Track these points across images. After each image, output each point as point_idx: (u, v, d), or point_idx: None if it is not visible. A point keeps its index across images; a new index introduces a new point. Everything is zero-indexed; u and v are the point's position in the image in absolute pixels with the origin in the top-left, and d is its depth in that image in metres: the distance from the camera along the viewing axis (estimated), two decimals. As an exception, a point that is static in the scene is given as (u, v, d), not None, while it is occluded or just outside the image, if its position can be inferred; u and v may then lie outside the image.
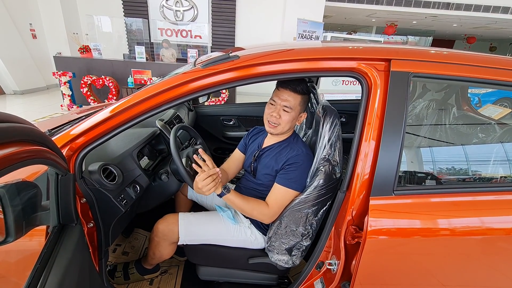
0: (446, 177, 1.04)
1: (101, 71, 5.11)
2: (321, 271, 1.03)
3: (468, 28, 11.17)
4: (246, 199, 1.08)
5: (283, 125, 1.09)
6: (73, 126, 0.92)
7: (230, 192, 1.04)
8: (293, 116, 1.08)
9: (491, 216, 0.87)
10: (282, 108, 1.07)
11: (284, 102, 1.06)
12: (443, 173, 1.06)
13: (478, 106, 2.17)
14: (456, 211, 0.87)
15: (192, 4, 6.94)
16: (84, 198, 0.94)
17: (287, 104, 1.06)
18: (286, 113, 1.07)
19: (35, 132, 0.45)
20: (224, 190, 1.02)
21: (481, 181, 1.05)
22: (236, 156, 1.36)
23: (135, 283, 1.39)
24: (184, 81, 0.88)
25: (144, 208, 1.37)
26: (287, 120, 1.08)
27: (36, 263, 0.66)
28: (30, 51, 6.43)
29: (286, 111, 1.07)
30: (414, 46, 1.05)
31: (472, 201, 0.88)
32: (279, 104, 1.07)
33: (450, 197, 0.88)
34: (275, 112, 1.08)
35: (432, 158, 1.08)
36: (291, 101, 1.06)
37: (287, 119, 1.08)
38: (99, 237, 1.02)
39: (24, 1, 6.31)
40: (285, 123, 1.08)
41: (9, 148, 0.36)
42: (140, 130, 1.42)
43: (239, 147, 1.37)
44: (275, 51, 0.90)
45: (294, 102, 1.06)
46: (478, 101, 2.71)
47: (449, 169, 1.07)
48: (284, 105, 1.06)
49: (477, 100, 2.73)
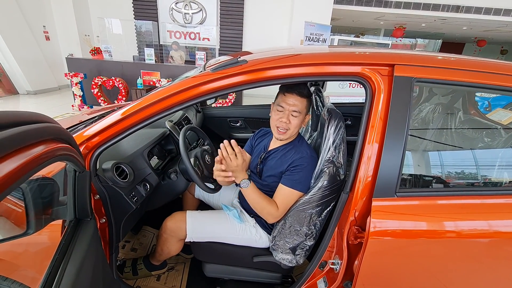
0: (449, 180, 1.06)
1: (111, 72, 5.23)
2: (324, 270, 1.06)
3: (478, 31, 11.00)
4: (261, 197, 1.10)
5: (292, 130, 1.11)
6: (88, 126, 0.97)
7: (249, 187, 1.08)
8: (301, 119, 1.11)
9: (492, 220, 0.88)
10: (291, 113, 1.09)
11: (292, 107, 1.08)
12: (445, 176, 1.07)
13: (488, 110, 2.14)
14: (458, 213, 0.88)
15: (200, 7, 7.04)
16: (97, 195, 0.98)
17: (295, 108, 1.08)
18: (295, 117, 1.09)
19: (62, 131, 0.49)
20: (242, 184, 1.07)
21: (482, 184, 1.06)
22: None
23: (143, 279, 1.43)
24: (194, 84, 0.92)
25: (153, 206, 1.41)
26: (296, 124, 1.11)
27: (55, 254, 0.70)
28: (43, 53, 6.62)
29: (295, 116, 1.09)
30: (417, 52, 1.07)
31: (473, 204, 0.90)
32: (287, 110, 1.09)
33: (453, 199, 0.90)
34: (284, 117, 1.09)
35: (434, 162, 1.10)
36: (299, 105, 1.08)
37: (296, 123, 1.10)
38: (110, 232, 1.06)
39: (38, 4, 6.52)
40: (294, 127, 1.11)
41: (43, 145, 0.40)
42: (151, 130, 1.47)
43: (245, 148, 1.40)
44: (281, 56, 0.93)
45: (301, 106, 1.09)
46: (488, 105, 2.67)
47: (451, 172, 1.08)
48: (293, 110, 1.08)
49: (487, 104, 2.69)
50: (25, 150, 0.34)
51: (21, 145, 0.33)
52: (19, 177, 0.31)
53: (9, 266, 0.95)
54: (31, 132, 0.36)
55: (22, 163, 0.31)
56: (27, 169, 0.33)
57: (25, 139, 0.34)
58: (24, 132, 0.34)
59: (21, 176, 0.31)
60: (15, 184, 0.31)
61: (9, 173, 0.28)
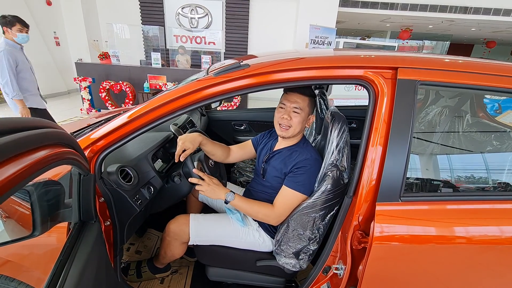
0: (454, 185, 1.04)
1: (118, 76, 5.33)
2: (328, 275, 1.05)
3: (487, 32, 10.82)
4: (250, 203, 1.14)
5: (295, 127, 1.13)
6: (93, 130, 0.99)
7: (235, 198, 1.13)
8: (303, 117, 1.12)
9: (497, 226, 0.86)
10: (293, 110, 1.11)
11: (293, 104, 1.11)
12: (451, 181, 1.05)
13: (499, 113, 2.10)
14: (463, 218, 0.86)
15: (206, 11, 7.13)
16: (102, 198, 1.00)
17: (296, 105, 1.10)
18: (296, 114, 1.11)
19: (65, 136, 0.50)
20: (227, 198, 1.12)
21: (488, 189, 1.04)
22: (247, 145, 1.43)
23: (147, 281, 1.44)
24: (197, 88, 0.93)
25: (157, 209, 1.42)
26: (297, 122, 1.12)
27: (59, 256, 0.71)
28: (54, 58, 6.80)
29: (296, 113, 1.11)
30: (421, 54, 1.06)
31: (480, 209, 0.88)
32: (289, 107, 1.12)
33: (458, 204, 0.88)
34: (286, 114, 1.12)
35: (440, 166, 1.08)
36: (300, 103, 1.10)
37: (298, 120, 1.12)
38: (115, 235, 1.07)
39: (49, 11, 6.70)
40: (296, 124, 1.12)
41: (45, 150, 0.41)
42: (155, 134, 1.48)
43: (252, 140, 1.43)
44: (284, 60, 0.93)
45: (303, 103, 1.11)
46: (498, 108, 2.61)
47: (457, 176, 1.06)
48: (294, 107, 1.11)
49: (497, 107, 2.63)
50: (26, 155, 0.35)
51: (22, 150, 0.34)
52: (18, 182, 0.32)
53: (16, 267, 0.97)
54: (31, 138, 0.37)
55: (22, 168, 0.32)
56: (28, 173, 0.34)
57: (26, 144, 0.35)
58: (24, 137, 0.35)
59: (21, 181, 0.32)
60: (15, 188, 0.32)
61: (8, 178, 0.29)
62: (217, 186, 1.15)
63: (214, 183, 1.16)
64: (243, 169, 2.10)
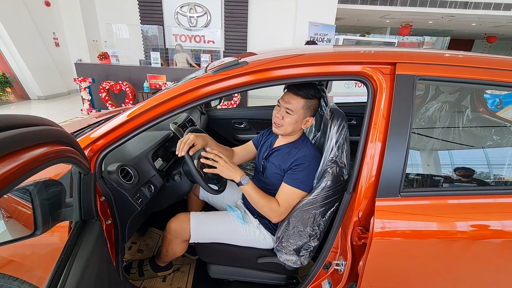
0: (453, 179, 1.03)
1: (118, 76, 5.33)
2: (329, 271, 1.05)
3: (488, 27, 10.76)
4: (261, 194, 1.12)
5: (285, 127, 1.13)
6: (93, 129, 0.99)
7: (249, 183, 1.10)
8: (295, 119, 1.11)
9: (497, 220, 0.86)
10: (285, 110, 1.11)
11: (286, 104, 1.10)
12: (450, 176, 1.05)
13: (500, 108, 2.09)
14: (463, 213, 0.87)
15: (205, 10, 7.11)
16: (103, 197, 1.00)
17: (289, 106, 1.10)
18: (288, 115, 1.11)
19: (63, 134, 0.51)
20: (243, 180, 1.09)
21: (486, 183, 1.04)
22: (248, 146, 1.45)
23: (149, 280, 1.45)
24: (195, 86, 0.93)
25: (158, 207, 1.43)
26: (288, 122, 1.11)
27: (60, 255, 0.72)
28: (53, 59, 6.80)
29: (288, 113, 1.11)
30: (419, 49, 1.05)
31: (479, 204, 0.88)
32: (283, 106, 1.12)
33: (458, 199, 0.88)
34: (279, 113, 1.13)
35: (439, 161, 1.08)
36: (293, 104, 1.09)
37: (289, 121, 1.11)
38: (116, 234, 1.08)
39: (48, 12, 6.70)
40: (287, 125, 1.12)
41: (43, 148, 0.41)
42: (155, 133, 1.49)
43: (253, 140, 1.44)
44: (282, 57, 0.93)
45: (296, 105, 1.09)
46: (500, 103, 2.59)
47: (456, 171, 1.06)
48: (286, 107, 1.10)
49: (498, 102, 2.61)
50: (23, 152, 0.35)
51: (18, 147, 0.34)
52: (14, 179, 0.32)
53: (19, 266, 0.97)
54: (27, 135, 0.37)
55: (18, 165, 0.32)
56: (24, 171, 0.34)
57: (22, 141, 0.35)
58: (20, 134, 0.35)
59: (17, 178, 0.33)
60: (11, 185, 0.32)
61: (3, 175, 0.29)
62: (234, 166, 1.11)
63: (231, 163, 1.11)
64: (243, 167, 2.11)
